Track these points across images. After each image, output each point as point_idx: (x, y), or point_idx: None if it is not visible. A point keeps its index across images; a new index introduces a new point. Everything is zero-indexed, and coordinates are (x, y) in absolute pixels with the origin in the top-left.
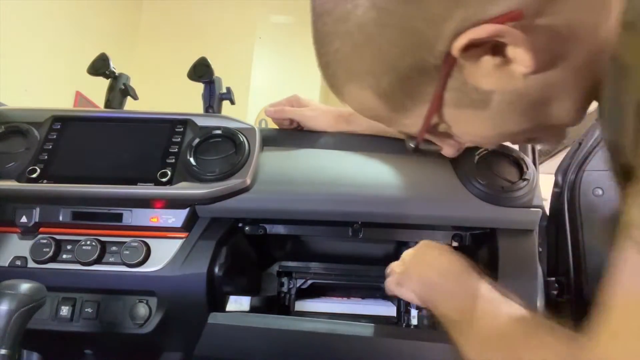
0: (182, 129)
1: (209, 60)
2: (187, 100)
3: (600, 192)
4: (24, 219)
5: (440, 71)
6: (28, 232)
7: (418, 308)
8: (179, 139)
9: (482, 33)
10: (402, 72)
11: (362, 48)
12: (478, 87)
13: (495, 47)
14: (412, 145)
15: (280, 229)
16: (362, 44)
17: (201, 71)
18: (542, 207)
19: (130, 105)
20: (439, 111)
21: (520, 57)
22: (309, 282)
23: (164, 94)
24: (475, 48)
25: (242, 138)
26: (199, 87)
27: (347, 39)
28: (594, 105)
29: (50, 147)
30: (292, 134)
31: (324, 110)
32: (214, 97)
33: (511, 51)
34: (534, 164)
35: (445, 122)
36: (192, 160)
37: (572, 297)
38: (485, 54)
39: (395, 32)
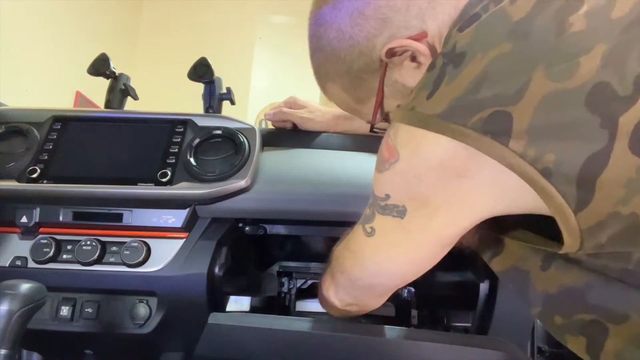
0: (182, 129)
1: (209, 60)
2: (187, 100)
3: None
4: (24, 219)
5: (378, 71)
6: (28, 232)
7: (418, 308)
8: (179, 139)
9: (396, 44)
10: (356, 72)
11: (330, 57)
12: (405, 84)
13: (414, 56)
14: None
15: (280, 229)
16: (330, 54)
17: (201, 71)
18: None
19: (130, 105)
20: (382, 102)
21: (425, 63)
22: (309, 282)
23: (164, 94)
24: (398, 56)
25: (242, 138)
26: (199, 87)
27: (322, 51)
28: None
29: (51, 147)
30: (291, 134)
31: (322, 112)
32: (214, 97)
33: (421, 58)
34: None
35: (389, 112)
36: (192, 160)
37: None
38: (406, 60)
39: (347, 45)
